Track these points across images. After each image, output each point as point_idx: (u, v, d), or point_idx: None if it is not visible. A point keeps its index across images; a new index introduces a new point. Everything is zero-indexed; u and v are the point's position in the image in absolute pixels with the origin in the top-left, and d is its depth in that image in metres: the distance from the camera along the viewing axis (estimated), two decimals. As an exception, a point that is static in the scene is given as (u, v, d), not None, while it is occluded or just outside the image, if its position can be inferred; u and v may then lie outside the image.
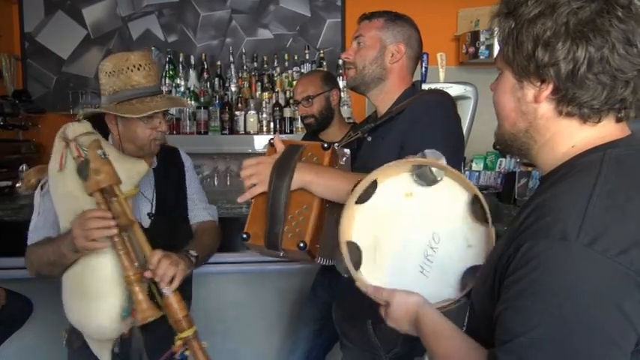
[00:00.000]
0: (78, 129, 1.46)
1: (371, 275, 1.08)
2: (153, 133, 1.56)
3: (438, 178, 1.04)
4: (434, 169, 1.04)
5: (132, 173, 1.52)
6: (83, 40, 3.56)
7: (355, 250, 1.08)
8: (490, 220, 1.01)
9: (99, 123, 1.56)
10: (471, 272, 1.03)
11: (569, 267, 0.72)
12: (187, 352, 1.45)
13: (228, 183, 3.39)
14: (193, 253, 1.58)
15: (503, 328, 0.77)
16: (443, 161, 1.04)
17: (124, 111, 1.48)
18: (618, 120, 0.83)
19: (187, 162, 1.82)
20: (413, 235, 1.06)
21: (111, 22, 3.56)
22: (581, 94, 0.79)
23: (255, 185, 1.31)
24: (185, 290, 1.60)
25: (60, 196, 1.48)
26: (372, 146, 1.54)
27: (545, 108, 0.84)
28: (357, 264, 1.09)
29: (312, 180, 1.28)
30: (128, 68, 1.49)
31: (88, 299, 1.47)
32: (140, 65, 1.50)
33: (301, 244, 1.26)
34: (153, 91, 1.53)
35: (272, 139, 1.37)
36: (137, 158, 1.56)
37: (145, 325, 1.45)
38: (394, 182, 1.07)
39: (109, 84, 1.51)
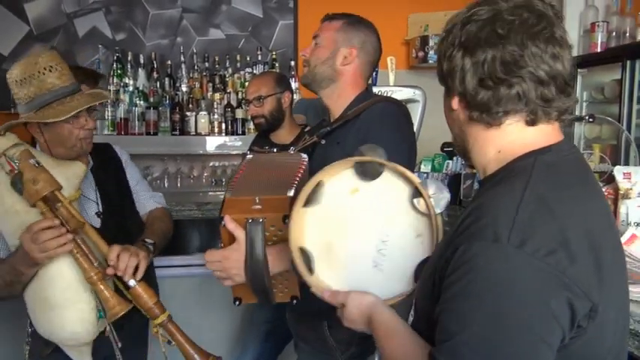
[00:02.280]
0: (5, 143, 1.43)
1: (326, 277, 1.09)
2: (81, 132, 1.52)
3: (380, 171, 1.06)
4: (375, 165, 1.06)
5: (70, 176, 1.49)
6: (25, 37, 3.42)
7: (306, 255, 1.09)
8: (433, 211, 1.03)
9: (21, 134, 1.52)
10: (424, 264, 1.04)
11: (500, 268, 0.75)
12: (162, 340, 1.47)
13: (179, 185, 3.34)
14: (150, 240, 1.59)
15: (441, 328, 0.80)
16: (382, 154, 1.07)
17: (46, 116, 1.43)
18: (528, 123, 0.87)
19: (123, 156, 1.81)
20: (364, 230, 1.07)
21: (55, 19, 3.44)
22: (473, 98, 0.86)
23: (228, 279, 1.29)
24: (151, 278, 1.62)
25: (1, 214, 1.44)
26: (327, 150, 1.54)
27: (462, 114, 0.91)
28: (310, 269, 1.09)
29: (286, 266, 1.25)
30: (39, 72, 1.44)
31: (56, 310, 1.44)
32: (51, 67, 1.45)
33: (294, 301, 1.32)
34: (70, 90, 1.48)
35: (222, 219, 1.23)
36: (72, 161, 1.53)
37: (116, 324, 1.45)
38: (339, 181, 1.08)
39: (23, 92, 1.45)
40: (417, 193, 1.04)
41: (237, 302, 1.34)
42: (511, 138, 0.88)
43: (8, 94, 3.34)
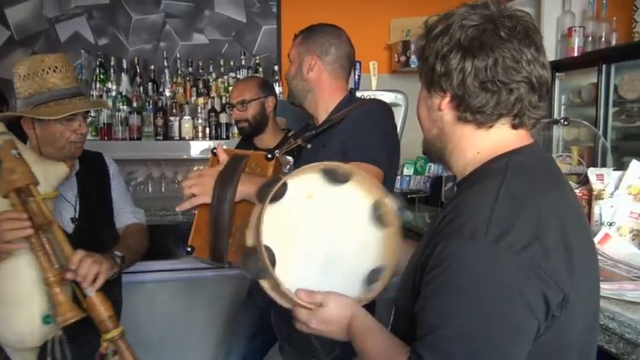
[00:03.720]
0: None
1: (279, 276, 1.06)
2: (72, 135, 1.53)
3: (345, 181, 1.07)
4: (341, 172, 1.07)
5: (49, 175, 1.48)
6: (6, 42, 3.39)
7: (271, 254, 1.07)
8: (394, 223, 1.06)
9: (15, 129, 1.52)
10: (374, 273, 1.07)
11: (478, 263, 0.79)
12: (116, 357, 1.41)
13: (163, 190, 3.33)
14: (118, 253, 1.56)
15: (422, 323, 0.83)
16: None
17: (41, 113, 1.45)
18: (514, 127, 0.91)
19: (112, 166, 1.81)
20: (317, 235, 1.08)
21: (37, 24, 3.42)
22: (471, 100, 0.88)
23: (195, 196, 1.33)
24: (113, 293, 1.58)
25: None
26: (313, 154, 1.56)
27: (449, 115, 0.93)
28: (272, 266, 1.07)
29: (254, 191, 1.25)
30: (43, 70, 1.47)
31: (7, 307, 1.41)
32: (56, 67, 1.48)
33: None
34: (71, 93, 1.50)
35: (215, 148, 1.36)
36: (56, 162, 1.52)
37: (69, 334, 1.40)
38: (303, 183, 1.08)
39: (24, 87, 1.48)
40: (379, 204, 1.06)
41: (190, 249, 1.36)
42: (492, 140, 0.92)
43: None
